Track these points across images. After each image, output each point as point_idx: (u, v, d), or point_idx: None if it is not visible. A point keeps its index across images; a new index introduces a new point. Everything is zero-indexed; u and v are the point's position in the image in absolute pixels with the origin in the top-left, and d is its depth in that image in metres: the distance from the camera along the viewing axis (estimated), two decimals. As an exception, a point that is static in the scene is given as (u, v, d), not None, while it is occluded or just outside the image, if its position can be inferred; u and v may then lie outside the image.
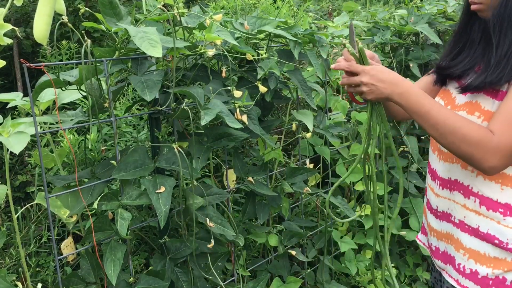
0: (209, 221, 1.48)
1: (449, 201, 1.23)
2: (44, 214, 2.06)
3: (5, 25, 1.20)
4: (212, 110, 1.34)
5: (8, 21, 2.65)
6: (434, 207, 1.28)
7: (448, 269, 1.25)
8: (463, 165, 1.18)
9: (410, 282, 2.49)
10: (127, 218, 1.34)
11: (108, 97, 1.35)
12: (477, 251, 1.17)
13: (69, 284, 1.40)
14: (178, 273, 1.54)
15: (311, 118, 1.77)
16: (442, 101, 1.26)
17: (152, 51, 1.17)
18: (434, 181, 1.28)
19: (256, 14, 2.08)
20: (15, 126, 1.30)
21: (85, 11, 1.31)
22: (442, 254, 1.27)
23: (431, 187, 1.30)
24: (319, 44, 1.75)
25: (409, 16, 2.36)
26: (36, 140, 1.38)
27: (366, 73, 1.13)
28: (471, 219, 1.18)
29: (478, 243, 1.17)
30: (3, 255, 1.92)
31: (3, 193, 1.33)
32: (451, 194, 1.22)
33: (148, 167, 1.41)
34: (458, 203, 1.21)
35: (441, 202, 1.26)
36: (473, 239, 1.18)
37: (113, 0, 1.30)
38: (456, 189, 1.21)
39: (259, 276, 1.86)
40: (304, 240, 2.05)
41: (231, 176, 1.79)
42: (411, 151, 2.35)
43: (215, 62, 1.69)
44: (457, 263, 1.21)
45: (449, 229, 1.24)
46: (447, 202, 1.24)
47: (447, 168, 1.22)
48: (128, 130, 2.13)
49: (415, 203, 2.41)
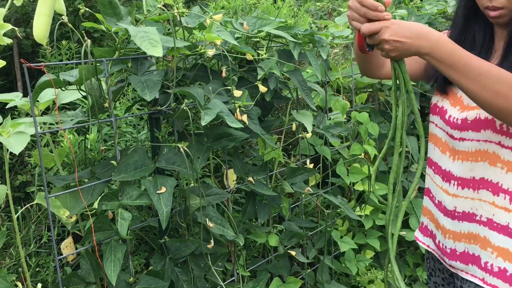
0: (209, 221, 1.48)
1: (472, 200, 1.20)
2: (44, 214, 2.06)
3: (5, 25, 1.20)
4: (212, 110, 1.34)
5: (8, 21, 2.65)
6: (451, 208, 1.25)
7: (469, 269, 1.23)
8: (492, 162, 1.16)
9: (410, 282, 2.49)
10: (127, 218, 1.33)
11: (108, 97, 1.35)
12: (506, 249, 1.16)
13: (69, 284, 1.40)
14: (178, 273, 1.54)
15: (310, 119, 1.77)
16: (447, 102, 1.26)
17: (152, 51, 1.17)
18: (449, 182, 1.25)
19: (256, 14, 2.08)
20: (15, 126, 1.30)
21: (85, 11, 1.31)
22: (460, 255, 1.25)
23: (444, 188, 1.27)
24: (319, 45, 1.75)
25: (409, 16, 2.35)
26: (36, 140, 1.38)
27: (387, 28, 1.01)
28: (501, 217, 1.16)
29: (508, 240, 1.15)
30: (3, 255, 1.93)
31: (3, 193, 1.33)
32: (476, 193, 1.19)
33: (148, 168, 1.41)
34: (485, 201, 1.18)
35: (461, 203, 1.22)
36: (502, 237, 1.16)
37: (113, 0, 1.30)
38: (483, 187, 1.18)
39: (259, 276, 1.86)
40: (304, 240, 2.05)
41: (231, 176, 1.79)
42: (411, 151, 2.35)
43: (215, 62, 1.69)
44: (484, 261, 1.19)
45: (473, 228, 1.21)
46: (469, 202, 1.21)
47: (469, 167, 1.20)
48: (128, 130, 2.13)
49: (415, 203, 2.40)
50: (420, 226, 1.45)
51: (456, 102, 1.23)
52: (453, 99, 1.24)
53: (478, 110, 1.15)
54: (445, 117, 1.23)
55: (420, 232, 1.44)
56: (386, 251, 2.48)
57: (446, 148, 1.27)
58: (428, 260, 1.44)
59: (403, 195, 1.21)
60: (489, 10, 1.14)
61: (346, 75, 2.30)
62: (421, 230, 1.43)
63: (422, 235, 1.42)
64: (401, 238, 2.44)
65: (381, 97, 2.45)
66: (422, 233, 1.42)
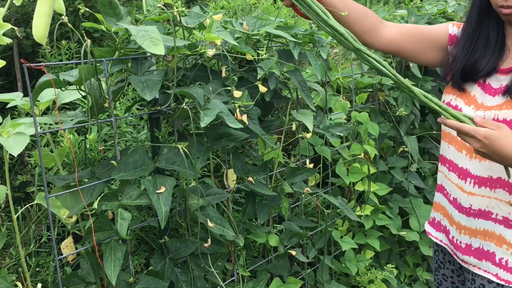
0: (209, 221, 1.48)
1: (489, 199, 1.23)
2: (44, 214, 2.06)
3: (5, 24, 1.20)
4: (212, 110, 1.34)
5: (8, 21, 2.65)
6: (467, 205, 1.27)
7: (482, 265, 1.26)
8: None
9: (410, 282, 2.49)
10: (127, 218, 1.33)
11: (108, 97, 1.35)
12: None
13: (69, 284, 1.40)
14: (178, 273, 1.54)
15: (311, 118, 1.77)
16: (461, 100, 1.27)
17: (154, 49, 1.17)
18: (465, 180, 1.27)
19: (256, 14, 2.08)
20: (15, 126, 1.30)
21: (85, 11, 1.31)
22: (475, 251, 1.28)
23: (459, 186, 1.29)
24: (319, 44, 1.75)
25: (409, 16, 2.36)
26: (36, 140, 1.38)
27: (478, 139, 1.08)
28: None
29: None
30: (3, 255, 1.92)
31: (3, 193, 1.33)
32: (493, 192, 1.22)
33: (148, 167, 1.41)
34: (502, 200, 1.21)
35: (477, 200, 1.25)
36: None
37: (113, 0, 1.30)
38: (500, 186, 1.21)
39: (259, 276, 1.86)
40: (304, 240, 2.05)
41: (231, 176, 1.79)
42: (411, 151, 2.35)
43: (215, 62, 1.69)
44: (498, 258, 1.23)
45: (488, 226, 1.24)
46: (486, 200, 1.23)
47: (487, 166, 1.22)
48: (128, 130, 2.13)
49: (415, 203, 2.40)
50: (430, 221, 1.48)
51: (470, 101, 1.25)
52: (467, 98, 1.26)
53: (496, 111, 1.18)
54: None
55: (431, 227, 1.47)
56: (386, 251, 2.49)
57: (462, 146, 1.28)
58: (437, 253, 1.47)
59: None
60: (503, 8, 1.16)
61: (346, 75, 2.30)
62: (432, 225, 1.46)
63: (434, 230, 1.45)
64: (401, 238, 2.44)
65: (381, 97, 2.45)
66: (434, 228, 1.45)
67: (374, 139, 2.32)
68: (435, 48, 1.35)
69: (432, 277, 2.49)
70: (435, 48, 1.35)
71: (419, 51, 1.36)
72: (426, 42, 1.35)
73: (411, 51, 1.37)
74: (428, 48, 1.35)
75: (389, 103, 2.45)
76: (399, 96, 2.34)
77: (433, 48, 1.35)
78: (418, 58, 1.39)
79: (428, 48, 1.35)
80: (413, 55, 1.37)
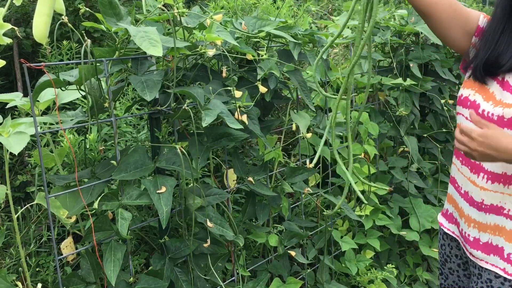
0: (208, 221, 1.48)
1: (502, 195, 1.25)
2: (44, 214, 2.06)
3: (5, 24, 1.20)
4: (212, 111, 1.34)
5: (8, 21, 2.65)
6: (479, 200, 1.29)
7: (490, 259, 1.28)
8: None
9: (410, 282, 2.49)
10: (128, 218, 1.34)
11: (108, 97, 1.35)
12: None
13: (69, 284, 1.40)
14: (178, 273, 1.54)
15: (307, 122, 1.77)
16: (480, 96, 1.27)
17: (152, 51, 1.17)
18: (477, 174, 1.29)
19: (256, 14, 2.08)
20: (15, 126, 1.30)
21: (85, 11, 1.31)
22: (484, 245, 1.30)
23: (471, 180, 1.31)
24: (319, 44, 1.75)
25: (409, 16, 2.35)
26: (36, 140, 1.38)
27: (475, 139, 1.14)
28: None
29: None
30: (3, 255, 1.92)
31: (3, 193, 1.33)
32: (506, 188, 1.24)
33: (149, 168, 1.41)
34: None
35: (489, 196, 1.27)
36: None
37: (113, 0, 1.30)
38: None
39: (259, 276, 1.86)
40: (304, 240, 2.05)
41: (231, 176, 1.79)
42: (411, 151, 2.35)
43: (215, 62, 1.69)
44: (507, 253, 1.25)
45: (499, 221, 1.26)
46: (499, 196, 1.25)
47: (501, 163, 1.23)
48: (128, 130, 2.13)
49: (415, 203, 2.40)
50: (444, 212, 1.50)
51: (489, 97, 1.26)
52: (485, 94, 1.27)
53: None
54: (479, 111, 1.26)
55: (444, 219, 1.49)
56: (386, 251, 2.49)
57: None
58: (444, 246, 1.49)
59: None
60: None
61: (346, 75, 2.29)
62: (445, 217, 1.48)
63: (446, 221, 1.48)
64: (401, 238, 2.44)
65: (381, 97, 2.45)
66: (446, 220, 1.48)
67: (374, 139, 2.32)
68: (464, 30, 1.34)
69: (432, 277, 2.49)
70: (464, 30, 1.34)
71: (450, 25, 1.34)
72: (459, 21, 1.33)
73: (443, 21, 1.34)
74: (458, 27, 1.34)
75: (389, 103, 2.45)
76: (399, 96, 2.34)
77: (463, 29, 1.34)
78: (445, 32, 1.36)
79: (458, 27, 1.34)
80: (441, 26, 1.34)
